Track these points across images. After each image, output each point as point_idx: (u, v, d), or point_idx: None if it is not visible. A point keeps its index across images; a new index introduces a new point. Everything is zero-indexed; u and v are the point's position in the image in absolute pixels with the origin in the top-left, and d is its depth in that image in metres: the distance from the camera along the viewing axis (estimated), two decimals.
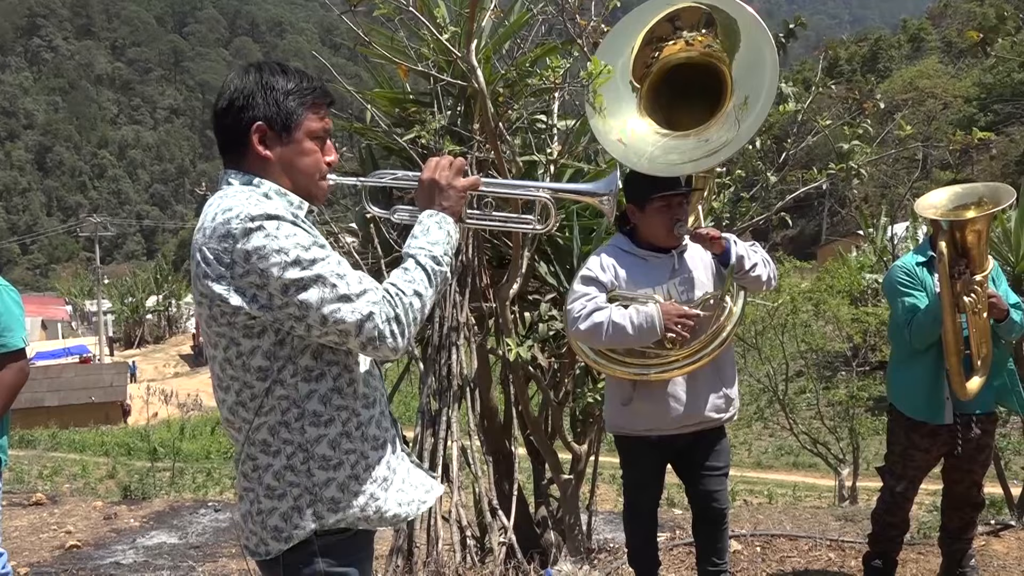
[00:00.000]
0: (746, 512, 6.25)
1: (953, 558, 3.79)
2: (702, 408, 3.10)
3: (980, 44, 4.78)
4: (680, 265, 3.11)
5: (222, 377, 1.80)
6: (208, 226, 1.74)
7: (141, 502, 8.50)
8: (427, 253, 1.86)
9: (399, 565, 4.20)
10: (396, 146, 4.60)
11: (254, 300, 1.71)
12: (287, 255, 1.69)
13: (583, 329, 2.99)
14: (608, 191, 2.15)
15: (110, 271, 71.37)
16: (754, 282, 3.10)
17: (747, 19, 3.02)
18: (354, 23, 4.14)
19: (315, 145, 1.89)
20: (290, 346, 1.76)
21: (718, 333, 3.02)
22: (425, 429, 4.37)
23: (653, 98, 3.17)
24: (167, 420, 29.80)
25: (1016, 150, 40.30)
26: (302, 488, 1.78)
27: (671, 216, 3.05)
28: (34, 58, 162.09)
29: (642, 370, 3.04)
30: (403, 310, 1.77)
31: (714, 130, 3.01)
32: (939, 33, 60.11)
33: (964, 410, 3.48)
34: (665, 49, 3.13)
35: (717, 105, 3.05)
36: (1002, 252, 4.85)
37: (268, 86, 1.83)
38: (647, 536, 3.36)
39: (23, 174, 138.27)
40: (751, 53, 3.00)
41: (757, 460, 20.52)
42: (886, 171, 29.02)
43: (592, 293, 3.04)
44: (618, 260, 3.11)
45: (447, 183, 1.96)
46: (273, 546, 1.80)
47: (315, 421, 1.78)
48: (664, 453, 3.23)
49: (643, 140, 3.10)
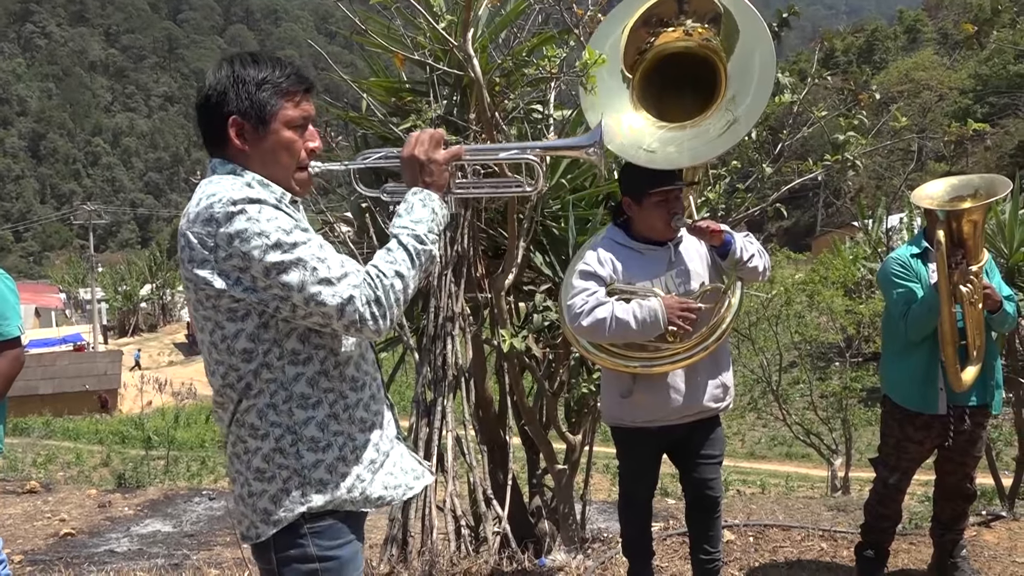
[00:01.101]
0: (739, 502, 6.28)
1: (944, 548, 3.82)
2: (701, 398, 3.11)
3: (975, 36, 4.78)
4: (676, 257, 3.11)
5: (209, 361, 1.83)
6: (192, 211, 1.76)
7: (135, 490, 8.51)
8: (410, 232, 1.86)
9: (393, 554, 4.21)
10: (392, 135, 4.59)
11: (238, 283, 1.73)
12: (268, 238, 1.70)
13: (586, 325, 2.98)
14: (593, 142, 2.13)
15: (104, 259, 71.10)
16: (751, 273, 3.11)
17: (748, 15, 3.01)
18: (350, 11, 4.13)
19: (294, 134, 1.88)
20: (275, 329, 1.77)
21: (718, 325, 3.03)
22: (420, 419, 4.37)
23: (645, 87, 3.14)
24: (161, 408, 29.81)
25: (1011, 142, 40.36)
26: (291, 470, 1.80)
27: (669, 209, 3.05)
28: (27, 44, 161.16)
29: (647, 363, 3.03)
30: (383, 292, 1.77)
31: (711, 120, 3.00)
32: (935, 25, 60.10)
33: (957, 402, 3.49)
34: (662, 35, 3.10)
35: (711, 96, 3.03)
36: (996, 244, 4.85)
37: (239, 79, 1.83)
38: (642, 526, 3.37)
39: (16, 161, 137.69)
40: (748, 45, 2.98)
41: (750, 450, 20.61)
42: (881, 163, 29.07)
43: (592, 288, 3.03)
44: (615, 253, 3.10)
45: (427, 158, 1.94)
46: (263, 529, 1.82)
47: (303, 403, 1.80)
48: (661, 443, 3.23)
49: (640, 133, 3.08)
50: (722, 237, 3.02)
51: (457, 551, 4.25)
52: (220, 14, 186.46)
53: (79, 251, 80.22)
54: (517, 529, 4.39)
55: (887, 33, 63.47)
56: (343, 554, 1.85)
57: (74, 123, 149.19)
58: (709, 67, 3.07)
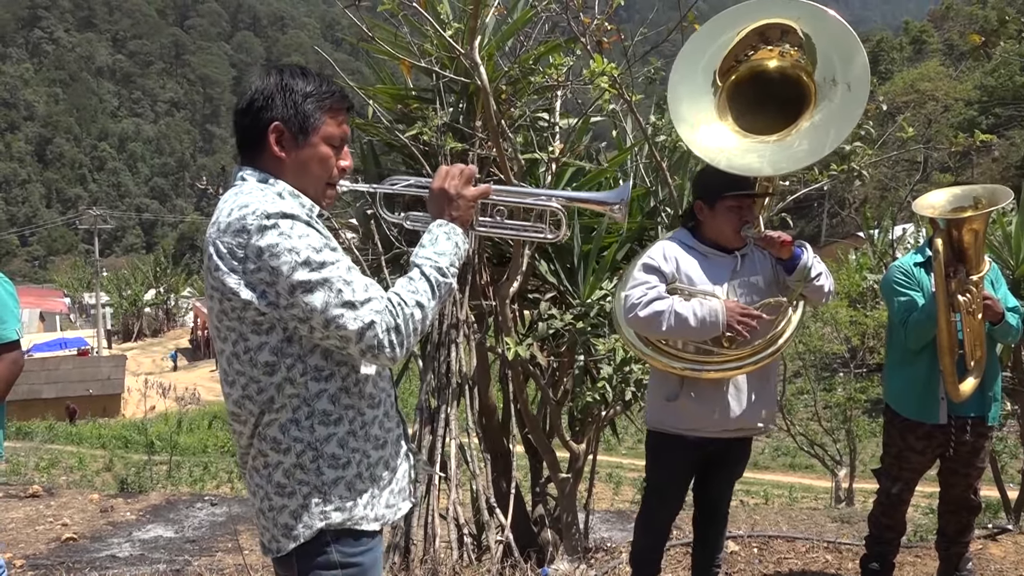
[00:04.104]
0: (743, 513, 6.26)
1: (950, 562, 3.80)
2: (747, 415, 3.04)
3: (982, 47, 4.78)
4: (742, 267, 3.06)
5: (228, 371, 1.82)
6: (223, 221, 1.76)
7: (138, 495, 8.51)
8: (433, 264, 1.87)
9: (396, 562, 4.20)
10: (398, 142, 4.60)
11: (263, 296, 1.73)
12: (298, 255, 1.71)
13: (643, 316, 2.90)
14: (620, 200, 2.14)
15: (109, 264, 71.32)
16: (816, 291, 3.04)
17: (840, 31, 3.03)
18: (357, 18, 4.14)
19: (330, 150, 1.90)
20: (299, 344, 1.78)
21: (776, 339, 2.98)
22: (424, 426, 4.37)
23: (732, 96, 3.14)
24: (164, 413, 29.81)
25: (1017, 153, 40.30)
26: (311, 487, 1.80)
27: (740, 216, 3.01)
28: (35, 50, 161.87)
29: (697, 366, 2.97)
30: (404, 321, 1.78)
31: (795, 137, 2.99)
32: (941, 36, 60.09)
33: (959, 412, 3.48)
34: (760, 51, 3.10)
35: (796, 115, 3.02)
36: (1002, 256, 4.84)
37: (288, 88, 1.85)
38: (656, 546, 3.34)
39: (23, 166, 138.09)
40: (835, 62, 2.99)
41: (754, 460, 20.48)
42: (887, 173, 29.06)
43: (653, 281, 2.97)
44: (680, 253, 3.05)
45: (456, 192, 1.96)
46: (284, 544, 1.83)
47: (324, 420, 1.80)
48: (696, 457, 3.15)
49: (724, 138, 3.06)
50: (791, 250, 2.97)
51: (459, 560, 4.24)
52: (227, 21, 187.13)
53: (84, 256, 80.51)
54: (520, 538, 4.38)
55: (893, 44, 63.43)
56: (365, 561, 1.87)
57: (80, 128, 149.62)
58: (798, 87, 3.06)
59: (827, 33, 3.02)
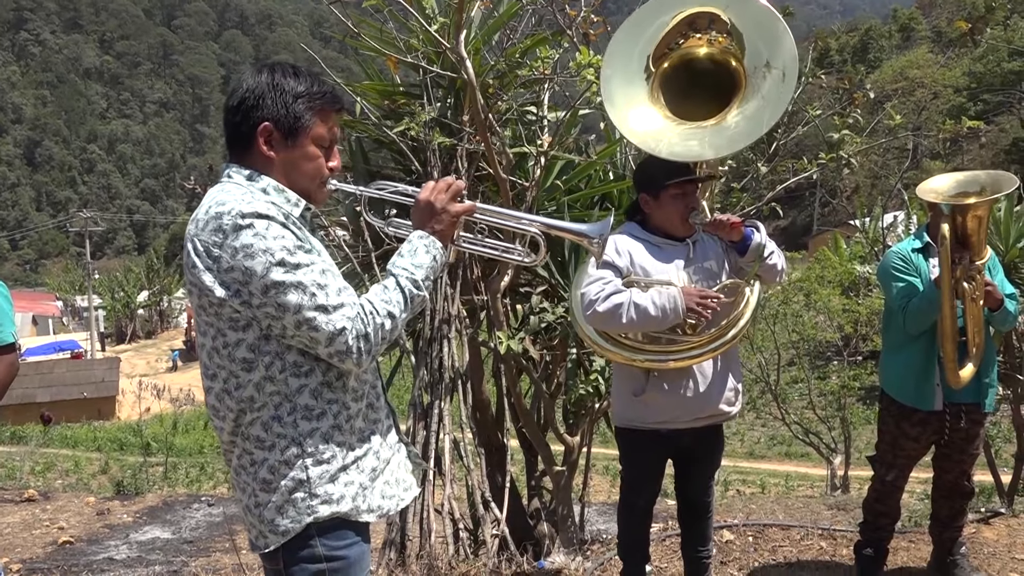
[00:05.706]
0: (739, 502, 6.28)
1: (944, 546, 3.82)
2: (715, 400, 3.05)
3: (969, 34, 4.78)
4: (694, 254, 3.07)
5: (208, 365, 1.83)
6: (201, 218, 1.77)
7: (134, 497, 8.50)
8: (409, 276, 1.88)
9: (392, 558, 4.21)
10: (386, 138, 4.59)
11: (237, 295, 1.74)
12: (272, 256, 1.72)
13: (601, 311, 2.90)
14: (599, 235, 2.15)
15: (101, 266, 71.10)
16: (770, 271, 3.07)
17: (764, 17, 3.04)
18: (343, 15, 4.12)
19: (319, 151, 1.90)
20: (276, 342, 1.79)
21: (735, 321, 2.99)
22: (417, 422, 4.37)
23: (664, 84, 3.16)
24: (160, 415, 29.75)
25: (1006, 139, 40.43)
26: (296, 481, 1.80)
27: (686, 204, 3.02)
28: (21, 52, 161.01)
29: (660, 357, 2.97)
30: (374, 329, 1.80)
31: (731, 120, 3.00)
32: (929, 23, 60.19)
33: (954, 399, 3.48)
34: (691, 39, 3.13)
35: (728, 100, 3.05)
36: (992, 241, 4.85)
37: (279, 88, 1.85)
38: (639, 535, 3.36)
39: (12, 169, 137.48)
40: (761, 46, 3.01)
41: (750, 450, 20.59)
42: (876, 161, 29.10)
43: (608, 277, 2.96)
44: (632, 245, 3.06)
45: (442, 207, 1.97)
46: (271, 539, 1.83)
47: (307, 415, 1.81)
48: (668, 449, 3.18)
49: (662, 128, 3.07)
50: (741, 232, 2.99)
51: (455, 554, 4.24)
52: (215, 20, 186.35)
53: (76, 258, 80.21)
54: (516, 532, 4.38)
55: (881, 32, 63.56)
56: (350, 554, 1.87)
57: (69, 130, 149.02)
58: (729, 72, 3.08)
59: (752, 19, 3.04)
